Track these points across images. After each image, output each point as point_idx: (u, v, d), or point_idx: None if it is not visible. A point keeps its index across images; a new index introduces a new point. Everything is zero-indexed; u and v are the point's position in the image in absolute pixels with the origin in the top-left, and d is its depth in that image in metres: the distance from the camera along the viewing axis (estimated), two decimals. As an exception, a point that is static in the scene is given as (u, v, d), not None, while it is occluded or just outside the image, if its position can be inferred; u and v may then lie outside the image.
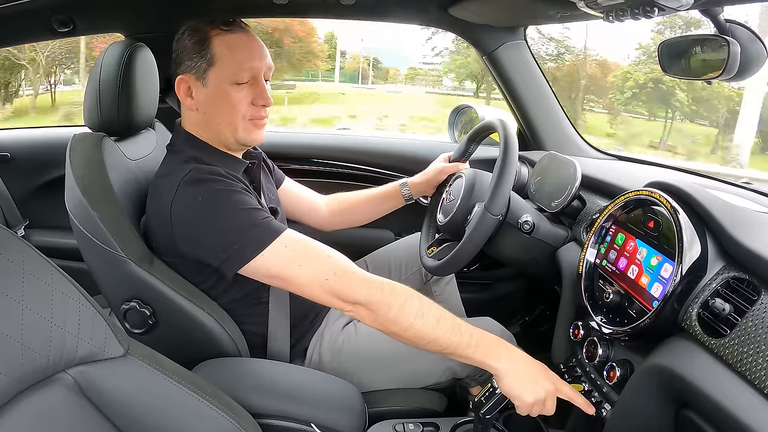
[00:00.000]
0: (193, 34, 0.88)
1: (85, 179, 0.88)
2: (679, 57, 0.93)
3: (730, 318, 0.65)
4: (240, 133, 0.90)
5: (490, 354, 0.79)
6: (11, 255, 0.57)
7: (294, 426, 0.82)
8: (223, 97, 0.88)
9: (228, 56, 0.87)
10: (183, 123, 0.94)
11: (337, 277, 0.80)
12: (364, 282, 0.80)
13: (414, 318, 0.78)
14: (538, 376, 0.78)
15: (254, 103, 0.90)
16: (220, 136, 0.91)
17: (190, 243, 0.84)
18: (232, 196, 0.83)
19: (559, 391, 0.79)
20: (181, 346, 0.89)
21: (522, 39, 1.41)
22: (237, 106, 0.89)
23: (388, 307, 0.79)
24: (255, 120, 0.91)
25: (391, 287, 0.80)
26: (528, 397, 0.76)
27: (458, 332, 0.79)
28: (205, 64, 0.87)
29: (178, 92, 0.90)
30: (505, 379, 0.77)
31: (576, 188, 1.05)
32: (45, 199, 1.61)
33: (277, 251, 0.81)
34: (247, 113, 0.90)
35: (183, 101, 0.91)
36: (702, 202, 0.75)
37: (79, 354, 0.59)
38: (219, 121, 0.90)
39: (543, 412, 0.78)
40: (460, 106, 1.69)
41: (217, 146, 0.93)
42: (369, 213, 1.27)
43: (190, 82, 0.89)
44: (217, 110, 0.89)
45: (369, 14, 1.46)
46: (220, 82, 0.88)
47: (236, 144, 0.93)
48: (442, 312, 0.81)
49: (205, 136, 0.92)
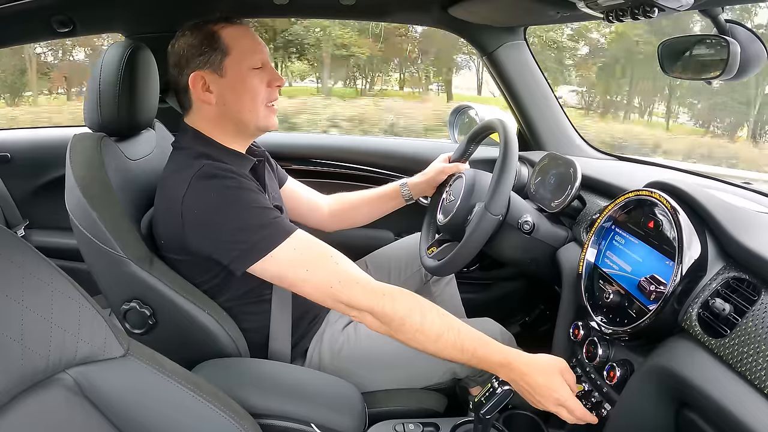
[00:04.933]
0: (196, 32, 0.89)
1: (86, 179, 0.88)
2: (679, 57, 0.94)
3: (730, 318, 0.65)
4: (261, 118, 0.93)
5: (488, 370, 0.80)
6: (11, 255, 0.56)
7: (294, 426, 0.82)
8: (243, 82, 0.90)
9: (240, 44, 0.90)
10: (191, 120, 0.94)
11: (342, 286, 0.80)
12: (369, 292, 0.80)
13: (415, 332, 0.79)
14: (539, 392, 0.78)
15: (270, 85, 0.93)
16: (241, 124, 0.93)
17: (201, 239, 0.84)
18: (244, 193, 0.84)
19: (561, 411, 0.78)
20: (181, 347, 0.89)
21: (522, 39, 1.41)
22: (257, 90, 0.91)
23: (390, 320, 0.80)
24: (269, 104, 0.94)
25: (393, 300, 0.80)
26: (536, 406, 0.78)
27: (459, 350, 0.79)
28: (220, 55, 0.89)
29: (194, 88, 0.90)
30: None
31: (576, 188, 1.05)
32: (45, 199, 1.61)
33: (286, 253, 0.81)
34: (265, 97, 0.93)
35: (200, 96, 0.90)
36: (702, 202, 0.75)
37: (79, 354, 0.59)
38: (240, 108, 0.91)
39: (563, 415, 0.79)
40: (460, 106, 1.69)
41: (226, 143, 0.93)
42: (369, 213, 1.27)
43: (206, 77, 0.89)
44: (239, 97, 0.91)
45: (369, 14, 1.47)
46: (239, 68, 0.90)
47: (255, 130, 0.95)
48: (446, 328, 0.80)
49: (214, 133, 0.93)
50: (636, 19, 0.79)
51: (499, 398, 0.76)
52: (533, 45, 1.38)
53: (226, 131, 0.93)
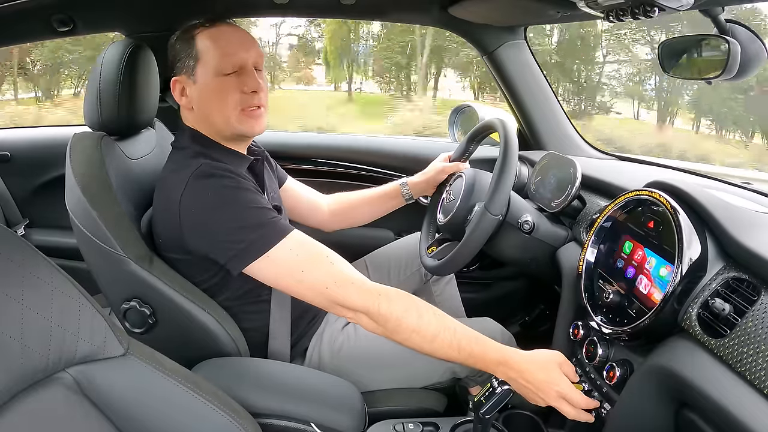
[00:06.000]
0: (181, 36, 0.91)
1: (86, 178, 0.88)
2: (679, 57, 0.94)
3: (730, 318, 0.65)
4: (234, 123, 0.91)
5: (485, 369, 0.81)
6: (11, 255, 0.57)
7: (294, 426, 0.82)
8: (210, 89, 0.89)
9: (211, 49, 0.89)
10: (186, 120, 0.96)
11: (337, 287, 0.80)
12: (364, 292, 0.80)
13: (411, 332, 0.79)
14: (539, 388, 0.78)
15: (243, 91, 0.90)
16: (217, 129, 0.92)
17: (198, 238, 0.84)
18: (241, 193, 0.84)
19: (562, 405, 0.78)
20: (181, 346, 0.89)
21: (522, 39, 1.41)
22: (226, 97, 0.89)
23: (386, 320, 0.80)
24: (247, 109, 0.91)
25: (389, 300, 0.80)
26: (530, 401, 0.78)
27: (456, 351, 0.79)
28: (192, 61, 0.89)
29: (174, 94, 0.92)
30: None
31: (576, 188, 1.05)
32: (45, 198, 1.61)
33: (282, 253, 0.81)
34: (238, 103, 0.90)
35: (179, 101, 0.93)
36: (702, 202, 0.75)
37: (79, 353, 0.59)
38: (210, 113, 0.91)
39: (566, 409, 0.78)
40: (461, 106, 1.69)
41: (220, 142, 0.94)
42: (369, 213, 1.27)
43: (183, 82, 0.91)
44: (208, 103, 0.90)
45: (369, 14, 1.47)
46: (207, 75, 0.89)
47: (235, 135, 0.93)
48: (442, 328, 0.80)
49: (207, 133, 0.93)
50: (636, 19, 0.79)
51: (498, 398, 0.76)
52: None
53: (212, 133, 0.93)
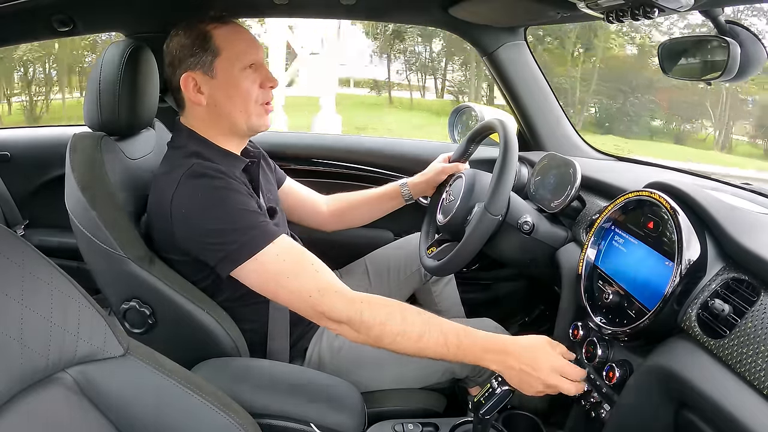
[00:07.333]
0: (189, 32, 0.90)
1: (85, 178, 0.88)
2: (679, 58, 0.94)
3: (730, 319, 0.65)
4: (253, 118, 0.93)
5: (478, 361, 0.79)
6: (11, 255, 0.57)
7: (293, 426, 0.82)
8: (234, 83, 0.90)
9: (231, 45, 0.89)
10: (184, 120, 0.95)
11: (320, 295, 0.80)
12: (347, 302, 0.80)
13: (395, 336, 0.78)
14: (535, 366, 0.76)
15: (262, 86, 0.92)
16: (233, 124, 0.92)
17: (188, 239, 0.84)
18: (231, 195, 0.83)
19: (560, 382, 0.77)
20: (180, 346, 0.89)
21: (522, 39, 1.41)
22: (249, 91, 0.91)
23: (369, 328, 0.79)
24: (265, 104, 0.94)
25: (371, 307, 0.79)
26: (527, 392, 0.77)
27: (444, 346, 0.79)
28: (210, 56, 0.89)
29: (185, 89, 0.90)
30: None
31: (576, 188, 1.05)
32: (45, 198, 1.61)
33: (269, 258, 0.81)
34: (258, 97, 0.92)
35: (191, 97, 0.91)
36: (701, 203, 0.75)
37: (79, 353, 0.59)
38: (231, 109, 0.91)
39: (562, 391, 0.78)
40: (460, 107, 1.69)
41: (218, 143, 0.93)
42: (369, 213, 1.27)
43: (197, 78, 0.90)
44: (230, 98, 0.91)
45: (369, 14, 1.47)
46: (230, 70, 0.89)
47: (248, 131, 0.94)
48: (427, 326, 0.79)
49: (208, 133, 0.93)
50: (636, 20, 0.79)
51: (498, 398, 0.76)
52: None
53: (219, 131, 0.93)
